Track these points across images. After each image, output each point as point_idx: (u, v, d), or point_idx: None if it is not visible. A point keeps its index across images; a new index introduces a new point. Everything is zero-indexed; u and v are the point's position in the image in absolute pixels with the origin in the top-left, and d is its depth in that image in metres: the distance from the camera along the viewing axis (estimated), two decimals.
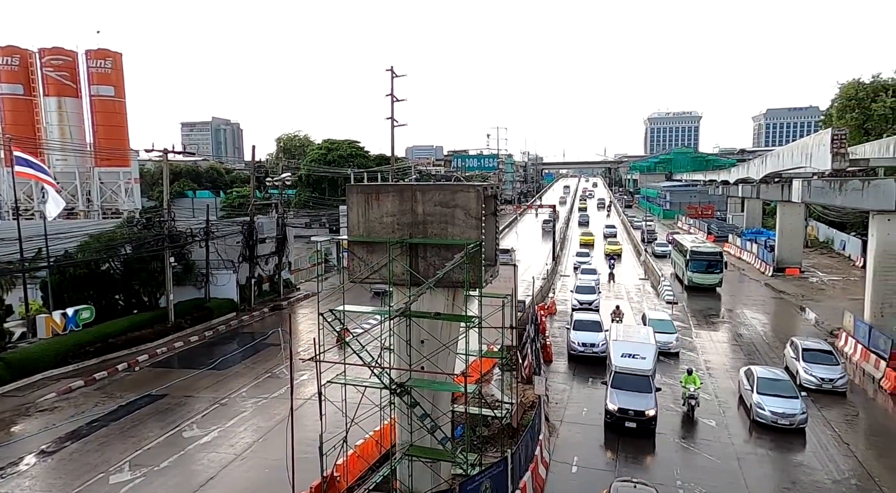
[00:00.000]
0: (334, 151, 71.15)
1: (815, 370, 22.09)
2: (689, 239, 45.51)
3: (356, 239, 13.90)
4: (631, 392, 18.78)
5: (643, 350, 21.22)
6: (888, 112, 49.64)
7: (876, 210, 24.52)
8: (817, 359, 22.53)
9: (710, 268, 39.62)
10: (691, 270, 40.02)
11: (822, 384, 21.81)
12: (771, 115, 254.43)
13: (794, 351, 23.64)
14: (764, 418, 18.90)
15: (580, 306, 34.56)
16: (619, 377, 19.53)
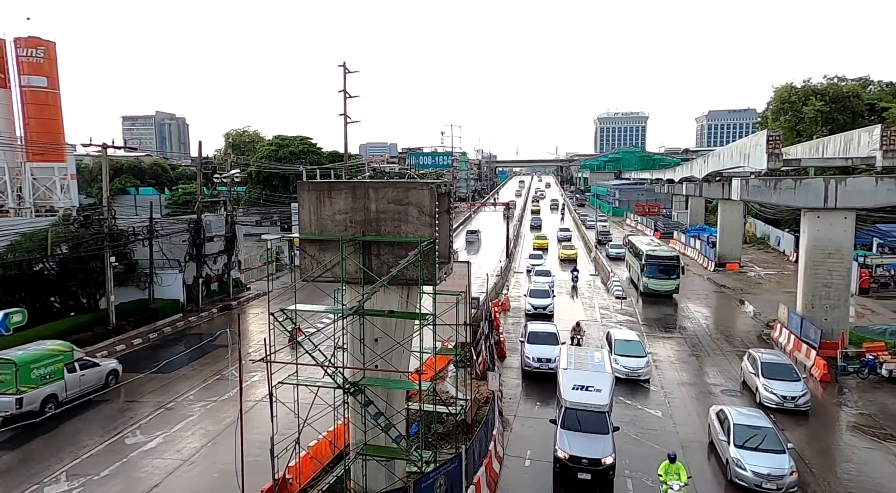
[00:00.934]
0: (286, 147, 69.59)
1: (777, 387, 20.38)
2: (644, 241, 42.75)
3: (308, 237, 13.68)
4: (584, 434, 15.77)
5: (598, 381, 17.61)
6: (817, 115, 52.62)
7: (807, 207, 25.93)
8: (778, 374, 20.80)
9: (666, 273, 37.10)
10: (647, 275, 37.44)
11: (784, 403, 20.10)
12: (712, 116, 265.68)
13: (752, 365, 21.99)
14: (745, 480, 15.18)
15: (534, 311, 32.67)
16: (570, 416, 16.27)
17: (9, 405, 19.18)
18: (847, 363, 23.88)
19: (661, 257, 37.72)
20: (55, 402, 20.43)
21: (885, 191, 24.30)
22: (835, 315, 25.74)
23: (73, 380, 21.17)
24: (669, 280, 37.22)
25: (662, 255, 37.99)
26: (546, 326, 26.30)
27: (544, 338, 24.54)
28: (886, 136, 23.56)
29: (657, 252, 38.25)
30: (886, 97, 56.15)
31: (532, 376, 23.56)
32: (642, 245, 40.44)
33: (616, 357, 23.09)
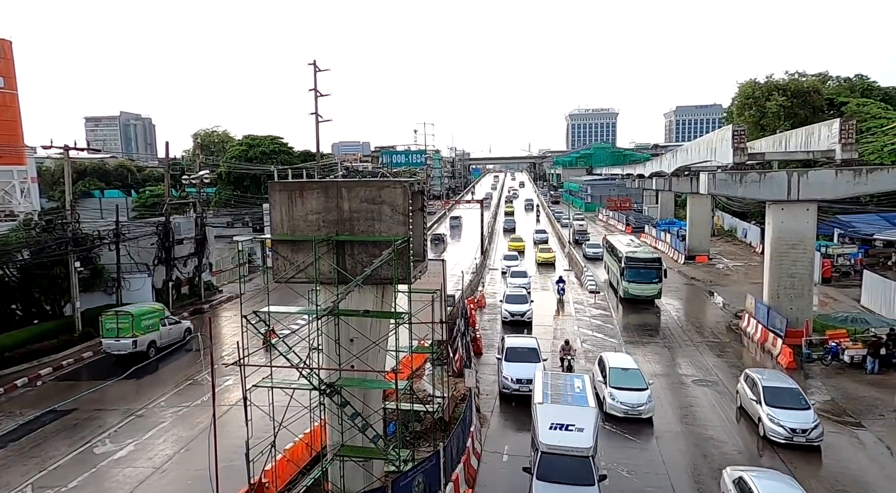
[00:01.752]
0: (256, 147, 68.57)
1: (784, 418, 17.29)
2: (623, 242, 39.39)
3: (280, 238, 13.52)
4: (565, 487, 13.22)
5: (580, 417, 14.74)
6: (780, 110, 54.09)
7: (771, 200, 26.65)
8: (783, 401, 17.77)
9: (648, 277, 33.98)
10: (627, 279, 34.33)
11: (794, 437, 17.04)
12: (680, 112, 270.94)
13: (751, 390, 19.04)
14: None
15: (511, 317, 30.38)
16: (547, 463, 13.58)
17: (127, 346, 25.95)
18: (811, 351, 24.64)
19: (641, 260, 34.53)
20: (155, 347, 26.92)
21: (845, 183, 25.12)
22: (799, 304, 26.52)
23: (165, 332, 27.80)
24: (651, 284, 34.06)
25: (643, 257, 34.88)
26: (525, 340, 23.40)
27: (524, 355, 21.54)
28: (845, 129, 24.41)
29: (637, 254, 35.25)
30: (844, 92, 58.10)
31: (511, 399, 20.67)
32: (621, 246, 37.63)
33: (612, 390, 19.37)
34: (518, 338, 24.16)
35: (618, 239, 41.33)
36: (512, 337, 24.15)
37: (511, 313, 30.65)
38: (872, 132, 45.65)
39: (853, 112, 49.86)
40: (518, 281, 37.24)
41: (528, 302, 31.15)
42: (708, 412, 20.04)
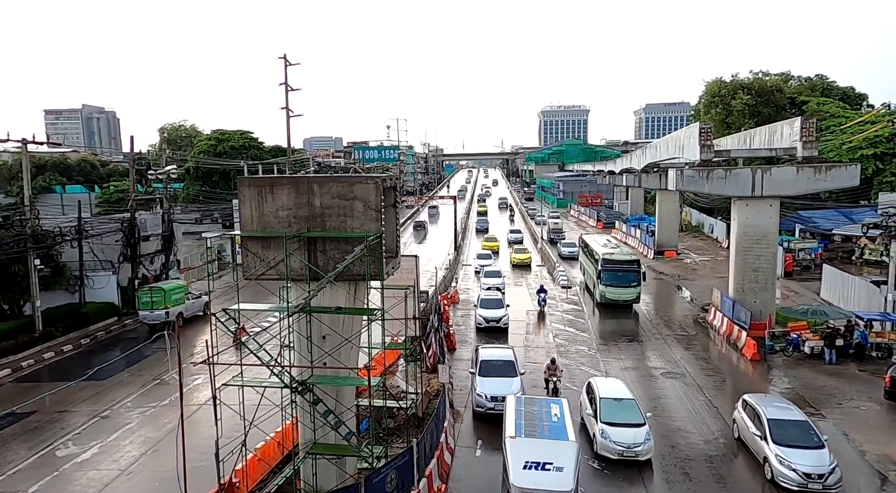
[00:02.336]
0: (225, 142, 67.19)
1: (796, 460, 14.70)
2: (600, 242, 37.19)
3: (250, 234, 13.30)
4: None
5: (558, 454, 13.02)
6: (745, 108, 55.51)
7: (736, 196, 27.34)
8: (793, 437, 15.27)
9: (626, 280, 32.26)
10: (604, 282, 32.49)
11: (809, 483, 14.48)
12: (650, 109, 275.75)
13: (754, 422, 16.43)
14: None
15: (486, 324, 28.48)
16: None
17: (161, 316, 29.62)
18: (774, 343, 25.40)
19: (619, 262, 32.68)
20: (181, 318, 30.42)
21: (805, 179, 25.90)
22: (763, 297, 27.29)
23: (189, 305, 31.65)
24: (630, 288, 32.35)
25: (621, 259, 32.96)
26: (502, 352, 21.40)
27: (500, 369, 19.62)
28: (805, 128, 25.16)
29: (615, 256, 33.33)
30: (805, 92, 59.98)
31: (486, 419, 18.31)
32: (598, 246, 35.54)
33: (603, 427, 16.40)
34: (493, 349, 22.08)
35: (594, 239, 39.01)
36: (487, 348, 22.19)
37: (486, 318, 28.73)
38: (831, 130, 47.25)
39: (813, 111, 51.49)
40: (492, 281, 36.01)
41: (503, 307, 29.21)
42: (676, 404, 20.51)
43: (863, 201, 46.28)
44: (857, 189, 36.43)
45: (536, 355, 25.46)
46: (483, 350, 21.60)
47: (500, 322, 28.66)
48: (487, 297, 30.80)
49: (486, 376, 19.46)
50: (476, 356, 21.31)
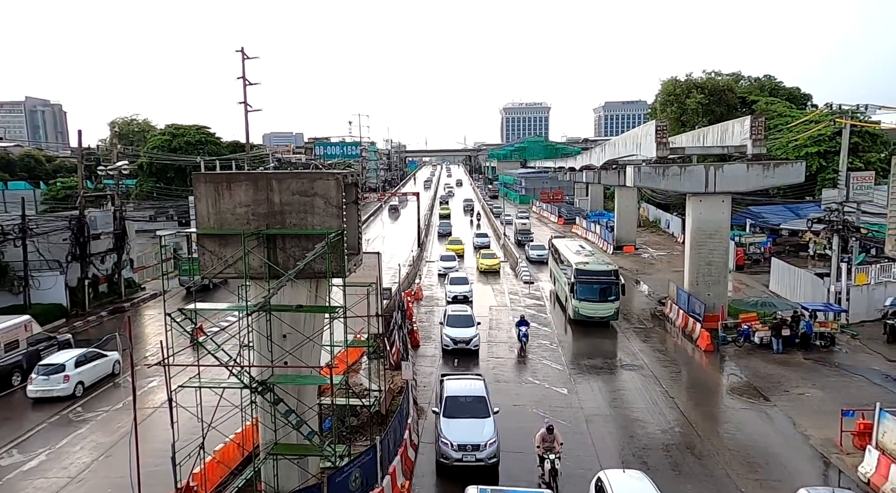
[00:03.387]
0: (180, 137, 65.23)
1: None
2: (572, 248, 33.22)
3: (206, 232, 12.97)
4: None
5: None
6: (699, 107, 57.29)
7: (691, 192, 28.23)
8: None
9: (603, 294, 28.28)
10: (578, 296, 28.41)
11: None
12: (608, 107, 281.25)
13: None
14: None
15: (454, 345, 24.47)
16: None
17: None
18: (726, 334, 26.37)
19: (595, 273, 28.60)
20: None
21: (755, 176, 26.94)
22: (716, 290, 28.27)
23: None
24: (607, 303, 28.26)
25: (597, 269, 28.91)
26: (471, 385, 17.66)
27: (470, 407, 16.30)
28: (755, 126, 26.17)
29: (590, 265, 29.12)
30: (755, 91, 62.28)
31: (452, 473, 15.25)
32: (570, 254, 31.78)
33: None
34: (461, 381, 18.19)
35: (565, 244, 35.10)
36: (453, 379, 18.44)
37: (453, 339, 24.71)
38: (779, 129, 49.20)
39: (762, 110, 53.50)
40: (459, 290, 32.89)
41: (473, 325, 25.59)
42: (634, 395, 21.07)
43: (808, 197, 48.46)
44: (803, 185, 38.18)
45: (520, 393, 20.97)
46: (449, 383, 17.87)
47: (471, 344, 24.66)
48: (456, 312, 26.49)
49: (451, 418, 16.02)
50: (441, 390, 17.78)
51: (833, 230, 28.98)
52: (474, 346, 24.94)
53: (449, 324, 25.72)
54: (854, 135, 41.94)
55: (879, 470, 14.78)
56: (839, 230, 28.66)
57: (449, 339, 24.93)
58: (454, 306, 28.24)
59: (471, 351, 24.76)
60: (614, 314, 28.77)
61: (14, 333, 23.05)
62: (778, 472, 15.77)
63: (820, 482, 15.61)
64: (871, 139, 49.46)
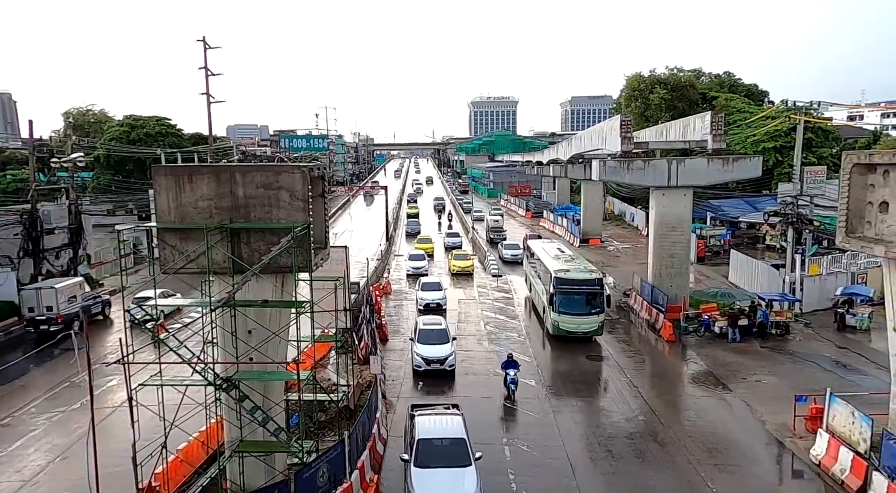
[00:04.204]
0: (139, 128, 63.06)
1: None
2: (550, 252, 29.73)
3: (167, 226, 12.63)
4: None
5: None
6: (662, 102, 58.51)
7: (654, 186, 28.84)
8: None
9: (586, 306, 24.97)
10: (558, 308, 25.07)
11: None
12: (575, 102, 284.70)
13: None
14: None
15: (426, 366, 21.32)
16: None
17: None
18: (688, 324, 27.12)
19: (577, 282, 25.30)
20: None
21: (715, 170, 27.69)
22: (678, 282, 29.03)
23: None
24: (590, 316, 24.98)
25: (579, 277, 25.59)
26: (448, 424, 14.87)
27: (446, 453, 13.80)
28: (715, 122, 26.88)
29: (571, 274, 25.83)
30: (715, 88, 63.92)
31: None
32: (548, 259, 28.35)
33: None
34: (435, 418, 15.31)
35: (542, 247, 31.69)
36: (426, 414, 15.47)
37: (426, 359, 21.53)
38: (738, 125, 50.65)
39: (722, 106, 54.97)
40: (431, 297, 30.05)
41: (449, 341, 22.43)
42: (600, 386, 21.50)
43: (765, 191, 50.06)
44: (760, 180, 39.37)
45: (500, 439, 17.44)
46: (421, 420, 14.95)
47: (446, 364, 21.55)
48: (428, 326, 23.26)
49: (425, 467, 13.45)
50: (411, 430, 14.80)
51: (788, 223, 30.05)
52: (449, 366, 21.66)
53: (420, 340, 22.21)
54: (808, 131, 43.50)
55: (829, 452, 15.48)
56: (793, 223, 29.73)
57: (420, 359, 21.53)
58: (426, 319, 24.90)
59: (446, 371, 21.58)
60: (598, 329, 25.37)
61: (72, 289, 28.27)
62: (736, 457, 16.35)
63: (774, 465, 16.29)
64: (824, 135, 51.41)
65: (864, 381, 20.49)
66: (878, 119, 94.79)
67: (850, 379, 20.92)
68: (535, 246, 32.85)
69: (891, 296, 13.99)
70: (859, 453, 14.51)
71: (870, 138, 66.17)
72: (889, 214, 13.30)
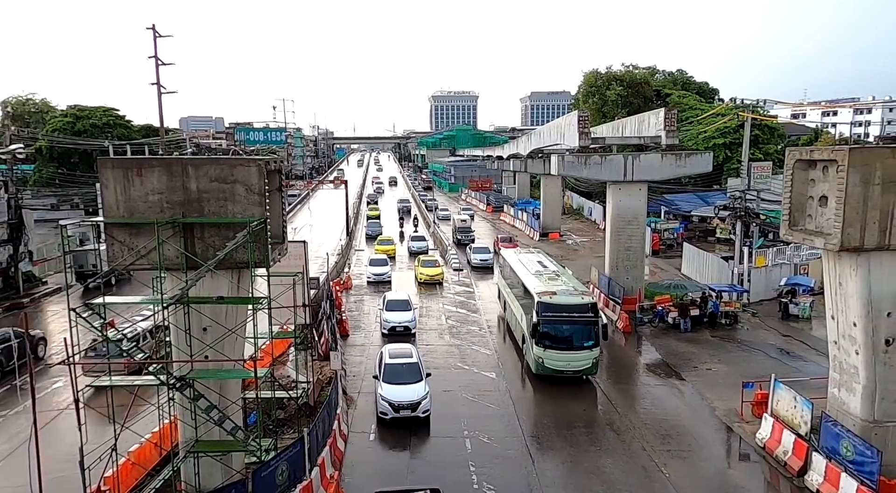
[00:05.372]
0: (85, 119, 60.39)
1: None
2: (530, 266, 24.96)
3: (115, 221, 12.17)
4: None
5: None
6: (618, 99, 59.78)
7: (611, 180, 29.46)
8: None
9: (578, 339, 20.38)
10: (542, 341, 20.39)
11: None
12: (534, 97, 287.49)
13: None
14: None
15: (394, 413, 17.43)
16: None
17: None
18: (643, 315, 27.89)
19: (566, 308, 20.51)
20: None
21: (669, 165, 28.48)
22: (634, 274, 29.78)
23: None
24: (583, 351, 20.29)
25: (569, 302, 20.67)
26: None
27: None
28: (668, 118, 27.60)
29: (559, 298, 20.76)
30: (669, 85, 65.76)
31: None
32: (527, 276, 23.61)
33: None
34: None
35: (520, 260, 26.56)
36: None
37: (394, 404, 17.31)
38: (690, 121, 52.28)
39: (675, 103, 56.62)
40: (398, 319, 25.12)
41: (422, 378, 18.12)
42: (556, 378, 21.87)
43: (715, 186, 51.90)
44: (711, 175, 40.81)
45: None
46: None
47: (419, 410, 17.38)
48: (396, 360, 18.77)
49: None
50: None
51: (736, 217, 31.24)
52: (423, 412, 17.36)
53: (387, 379, 17.92)
54: (755, 128, 45.27)
55: (773, 435, 16.24)
56: (741, 216, 30.94)
57: (387, 404, 17.38)
58: (393, 349, 19.93)
59: (420, 419, 17.47)
60: (592, 366, 20.35)
61: None
62: (687, 442, 16.97)
63: (723, 449, 16.98)
64: (770, 132, 53.63)
65: (805, 367, 21.57)
66: (819, 117, 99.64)
67: (793, 365, 21.98)
68: (510, 257, 28.05)
69: (829, 286, 14.72)
70: (800, 435, 15.27)
71: (811, 136, 69.48)
72: (828, 208, 13.97)
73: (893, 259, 13.56)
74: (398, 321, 25.52)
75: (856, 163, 13.00)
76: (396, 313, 25.91)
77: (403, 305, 26.67)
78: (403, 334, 25.29)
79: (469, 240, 46.29)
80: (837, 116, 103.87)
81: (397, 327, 25.41)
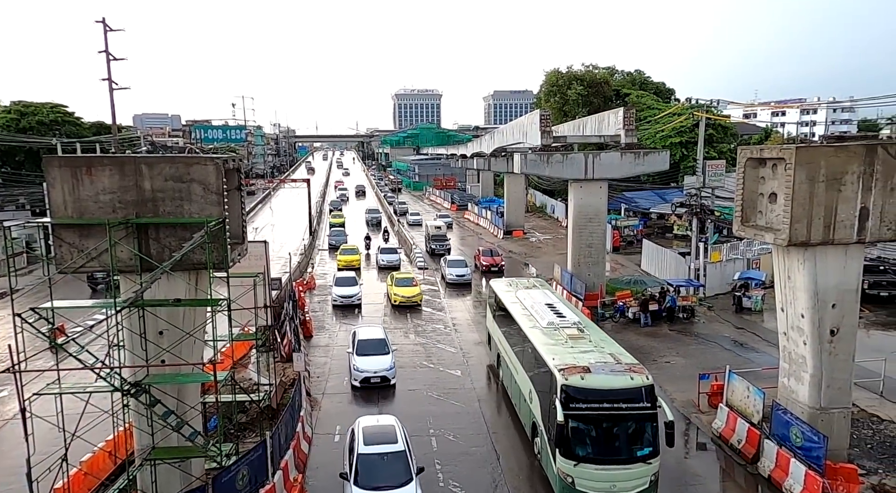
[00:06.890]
0: (31, 116, 57.64)
1: None
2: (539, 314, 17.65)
3: (63, 221, 11.68)
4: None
5: None
6: (579, 98, 60.71)
7: (572, 179, 29.94)
8: None
9: (627, 446, 13.45)
10: (573, 451, 13.20)
11: None
12: (497, 96, 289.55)
13: None
14: None
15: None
16: None
17: None
18: (605, 311, 28.46)
19: (608, 396, 13.42)
20: None
21: (628, 163, 29.13)
22: (595, 270, 30.36)
23: None
24: (636, 465, 13.30)
25: (612, 386, 13.51)
26: None
27: None
28: (627, 117, 28.23)
29: (595, 380, 13.51)
30: (627, 85, 67.16)
31: None
32: (540, 337, 16.26)
33: None
34: None
35: (519, 300, 19.74)
36: None
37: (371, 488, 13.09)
38: (648, 120, 53.53)
39: (634, 102, 57.88)
40: (371, 365, 19.96)
41: (397, 434, 14.33)
42: None
43: (673, 184, 53.33)
44: (668, 173, 41.90)
45: None
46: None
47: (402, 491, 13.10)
48: (372, 430, 14.51)
49: None
50: None
51: (693, 213, 32.18)
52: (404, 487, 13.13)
53: (367, 440, 14.03)
54: (709, 127, 46.68)
55: (728, 424, 16.83)
56: (697, 213, 31.89)
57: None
58: (368, 421, 15.10)
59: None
60: (650, 488, 13.40)
61: None
62: None
63: (681, 439, 17.47)
64: (723, 131, 55.41)
65: (758, 358, 22.40)
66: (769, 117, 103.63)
67: (746, 357, 22.80)
68: (505, 295, 20.60)
69: (779, 279, 15.32)
70: (753, 423, 15.87)
71: (762, 135, 72.19)
72: (777, 205, 14.53)
73: (837, 253, 14.20)
74: (374, 370, 19.89)
75: (802, 161, 13.55)
76: (371, 359, 20.22)
77: (380, 346, 20.87)
78: (380, 386, 20.03)
79: (444, 250, 40.80)
80: (786, 116, 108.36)
81: (372, 377, 19.86)
